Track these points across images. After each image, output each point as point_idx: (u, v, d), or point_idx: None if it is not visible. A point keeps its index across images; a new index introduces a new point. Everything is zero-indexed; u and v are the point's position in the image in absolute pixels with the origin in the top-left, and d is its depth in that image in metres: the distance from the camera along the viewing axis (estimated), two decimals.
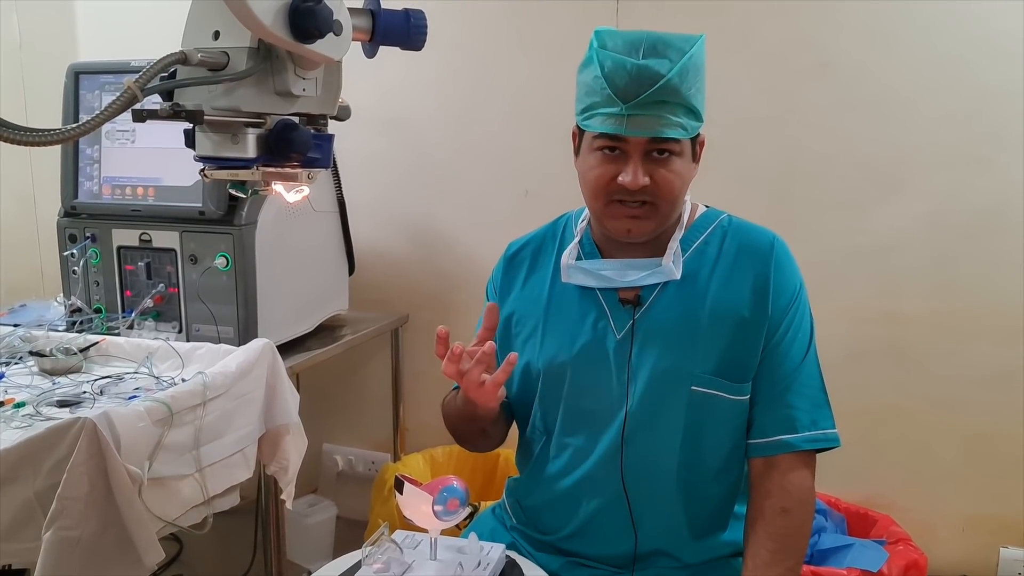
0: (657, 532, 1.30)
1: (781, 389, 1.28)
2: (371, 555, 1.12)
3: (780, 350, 1.28)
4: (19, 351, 1.70)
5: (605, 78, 1.19)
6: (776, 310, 1.28)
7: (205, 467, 1.42)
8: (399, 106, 2.38)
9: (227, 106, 0.88)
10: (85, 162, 1.95)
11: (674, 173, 1.23)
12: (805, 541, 1.27)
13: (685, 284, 1.30)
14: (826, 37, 2.00)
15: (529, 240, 1.46)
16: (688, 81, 1.19)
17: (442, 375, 1.24)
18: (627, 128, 1.19)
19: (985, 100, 1.91)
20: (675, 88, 1.17)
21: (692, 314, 1.28)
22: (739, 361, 1.27)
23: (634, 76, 1.17)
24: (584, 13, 2.15)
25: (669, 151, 1.22)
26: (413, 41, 0.98)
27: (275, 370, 1.57)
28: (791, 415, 1.27)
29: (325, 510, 2.41)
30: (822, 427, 1.28)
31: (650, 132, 1.19)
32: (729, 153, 2.06)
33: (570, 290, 1.35)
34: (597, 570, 1.32)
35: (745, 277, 1.29)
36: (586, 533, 1.32)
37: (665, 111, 1.18)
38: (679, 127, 1.20)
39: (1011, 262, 1.93)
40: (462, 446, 1.48)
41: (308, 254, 2.05)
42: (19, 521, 1.22)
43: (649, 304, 1.30)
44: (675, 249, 1.30)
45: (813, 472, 1.29)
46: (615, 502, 1.29)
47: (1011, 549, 2.02)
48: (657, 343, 1.28)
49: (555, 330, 1.35)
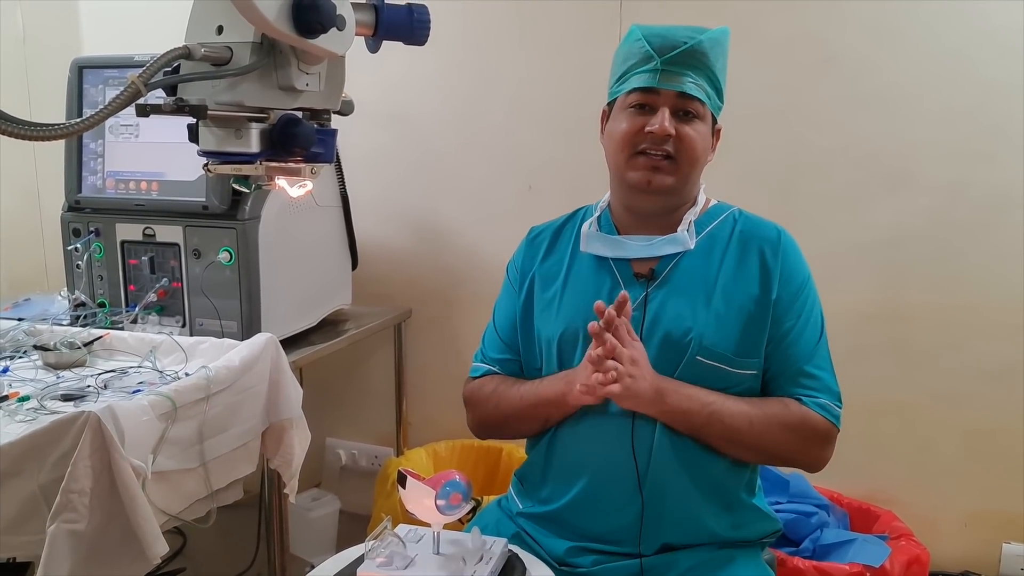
0: (663, 502, 1.32)
1: (794, 372, 1.35)
2: (374, 549, 1.12)
3: (792, 336, 1.35)
4: (23, 345, 1.70)
5: (645, 38, 1.33)
6: (785, 295, 1.35)
7: (209, 461, 1.42)
8: (402, 101, 2.38)
9: (230, 101, 0.89)
10: (89, 156, 1.95)
11: (696, 133, 1.34)
12: (768, 450, 1.34)
13: (697, 262, 1.37)
14: (831, 32, 1.99)
15: (549, 224, 1.55)
16: (715, 54, 1.33)
17: (445, 370, 1.24)
18: (660, 81, 1.32)
19: (989, 95, 1.90)
20: (704, 53, 1.32)
21: (703, 290, 1.35)
22: (745, 338, 1.33)
23: (670, 36, 1.32)
24: (587, 8, 2.14)
25: (694, 113, 1.33)
26: (416, 36, 0.98)
27: (278, 365, 1.57)
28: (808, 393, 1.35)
29: (328, 504, 2.42)
30: (832, 413, 1.35)
31: (679, 86, 1.31)
32: (734, 147, 2.04)
33: (587, 264, 1.44)
34: (603, 555, 1.33)
35: (753, 262, 1.37)
36: (595, 499, 1.34)
37: (694, 73, 1.32)
38: (704, 91, 1.33)
39: (1015, 257, 1.93)
40: (497, 436, 1.54)
41: (311, 249, 2.05)
42: (23, 514, 1.22)
43: (662, 279, 1.37)
44: (689, 222, 1.38)
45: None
46: (623, 468, 1.32)
47: (1013, 545, 2.02)
48: (667, 316, 1.35)
49: (571, 300, 1.42)
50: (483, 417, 1.51)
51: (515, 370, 1.50)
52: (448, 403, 2.35)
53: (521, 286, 1.50)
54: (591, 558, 1.34)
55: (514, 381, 1.47)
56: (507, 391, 1.46)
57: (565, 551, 1.35)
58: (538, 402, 1.40)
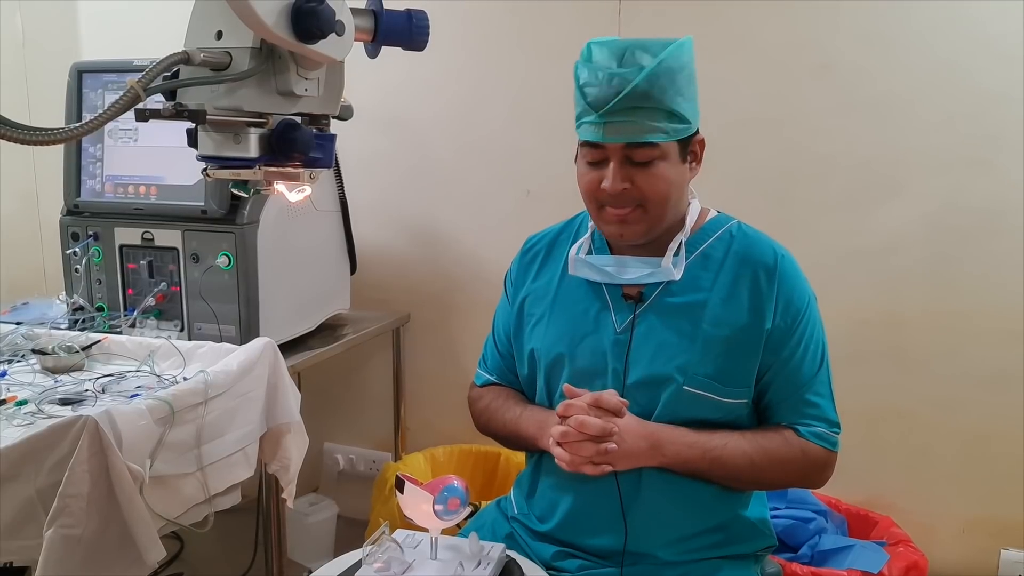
0: (646, 527, 1.30)
1: (794, 401, 1.33)
2: (372, 554, 1.12)
3: (792, 364, 1.32)
4: (21, 349, 1.70)
5: (581, 89, 1.25)
6: (782, 324, 1.30)
7: (206, 465, 1.42)
8: (401, 106, 2.38)
9: (229, 106, 0.89)
10: (88, 160, 1.95)
11: (656, 177, 1.27)
12: (768, 484, 1.35)
13: (688, 286, 1.33)
14: (825, 39, 2.00)
15: (545, 235, 1.52)
16: (661, 85, 1.22)
17: (443, 375, 1.25)
18: (604, 135, 1.24)
19: (984, 103, 1.90)
20: (645, 93, 1.21)
21: (691, 316, 1.31)
22: (732, 368, 1.30)
23: (605, 85, 1.22)
24: (586, 14, 2.15)
25: (649, 157, 1.25)
26: (415, 41, 0.98)
27: (276, 369, 1.57)
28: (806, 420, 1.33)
29: (326, 509, 2.41)
30: (829, 442, 1.33)
31: (625, 137, 1.23)
32: (728, 154, 2.05)
33: (578, 282, 1.40)
34: (587, 560, 1.33)
35: (745, 287, 1.32)
36: (578, 521, 1.33)
37: (641, 116, 1.22)
38: (658, 131, 1.23)
39: (1010, 264, 1.93)
40: (499, 442, 1.54)
41: (310, 253, 2.05)
42: (21, 519, 1.22)
43: (651, 301, 1.34)
44: (675, 250, 1.33)
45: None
46: (606, 493, 1.30)
47: (1011, 551, 2.02)
48: (654, 340, 1.32)
49: (560, 319, 1.40)
50: (480, 426, 1.55)
51: (513, 379, 1.52)
52: (446, 408, 2.35)
53: (514, 301, 1.50)
54: (577, 563, 1.33)
55: (506, 399, 1.48)
56: (496, 412, 1.48)
57: (552, 555, 1.35)
58: (517, 435, 1.43)
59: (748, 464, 1.28)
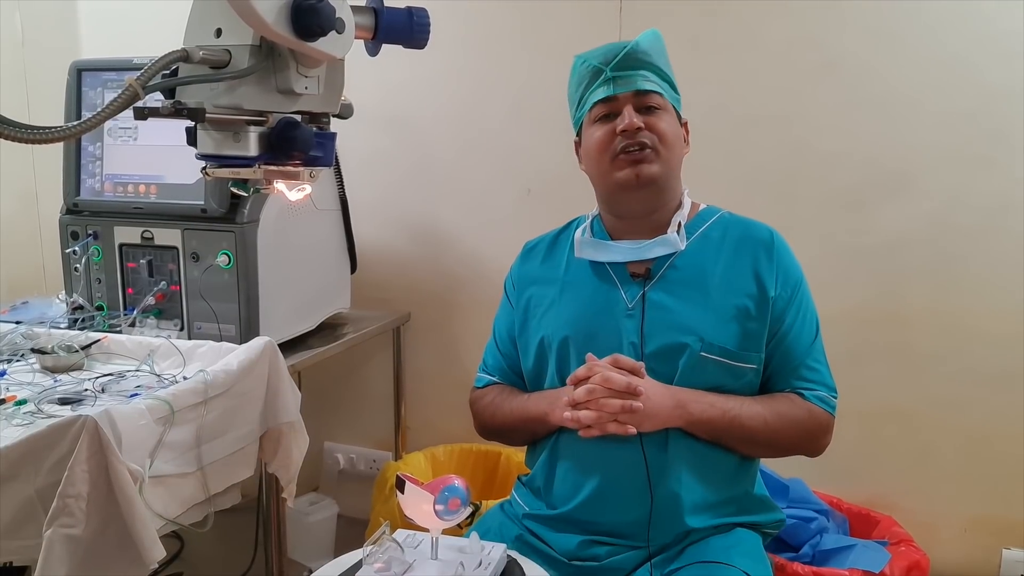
0: (673, 498, 1.33)
1: (795, 366, 1.40)
2: (372, 554, 1.12)
3: (792, 332, 1.39)
4: (21, 348, 1.69)
5: (587, 59, 1.42)
6: (783, 294, 1.39)
7: (206, 465, 1.41)
8: (402, 104, 2.38)
9: (229, 104, 0.88)
10: (87, 159, 1.94)
11: (665, 123, 1.40)
12: (779, 445, 1.40)
13: (692, 261, 1.40)
14: (831, 37, 1.99)
15: (544, 237, 1.60)
16: (655, 51, 1.41)
17: (444, 374, 1.26)
18: (615, 87, 1.39)
19: (990, 100, 1.90)
20: (645, 51, 1.39)
21: (700, 287, 1.38)
22: (745, 333, 1.36)
23: (608, 49, 1.41)
24: (587, 12, 2.14)
25: (656, 106, 1.39)
26: (416, 39, 0.98)
27: (276, 368, 1.57)
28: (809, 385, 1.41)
29: (326, 508, 2.41)
30: (830, 405, 1.41)
31: (634, 85, 1.38)
32: (734, 152, 2.05)
33: (584, 269, 1.47)
34: (614, 547, 1.35)
35: (747, 261, 1.40)
36: (605, 498, 1.35)
37: (643, 71, 1.39)
38: (657, 85, 1.40)
39: (1015, 263, 1.92)
40: (498, 441, 1.58)
41: (310, 252, 2.05)
42: (20, 519, 1.21)
43: (659, 277, 1.41)
44: (675, 229, 1.41)
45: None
46: (633, 465, 1.33)
47: (1013, 550, 2.02)
48: (667, 312, 1.38)
49: (571, 303, 1.45)
50: (483, 424, 1.57)
51: (515, 379, 1.55)
52: (447, 407, 2.35)
53: (517, 301, 1.53)
54: (605, 549, 1.35)
55: (510, 393, 1.52)
56: (501, 404, 1.51)
57: (577, 545, 1.37)
58: (525, 418, 1.46)
59: (763, 425, 1.34)
